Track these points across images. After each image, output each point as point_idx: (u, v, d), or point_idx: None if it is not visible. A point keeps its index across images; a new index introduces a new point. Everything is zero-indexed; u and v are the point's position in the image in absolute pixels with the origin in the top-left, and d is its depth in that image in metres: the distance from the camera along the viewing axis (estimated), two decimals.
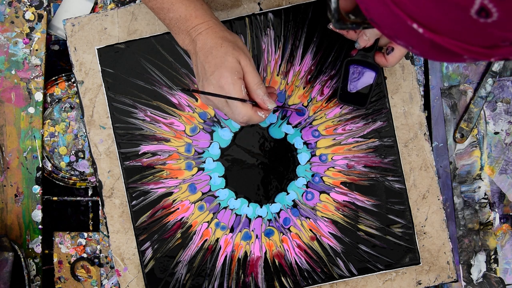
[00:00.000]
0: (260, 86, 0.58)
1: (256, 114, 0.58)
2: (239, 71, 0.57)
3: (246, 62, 0.57)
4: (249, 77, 0.57)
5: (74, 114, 0.75)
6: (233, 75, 0.56)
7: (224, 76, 0.56)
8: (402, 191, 0.71)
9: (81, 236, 0.75)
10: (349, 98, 0.68)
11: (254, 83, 0.57)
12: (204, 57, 0.58)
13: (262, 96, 0.57)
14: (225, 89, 0.56)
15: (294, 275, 0.71)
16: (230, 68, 0.56)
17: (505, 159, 0.76)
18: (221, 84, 0.56)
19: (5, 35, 0.74)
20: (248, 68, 0.57)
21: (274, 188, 0.71)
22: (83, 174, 0.75)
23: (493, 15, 0.29)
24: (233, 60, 0.56)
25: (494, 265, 0.76)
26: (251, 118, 0.57)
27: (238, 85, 0.56)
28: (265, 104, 0.58)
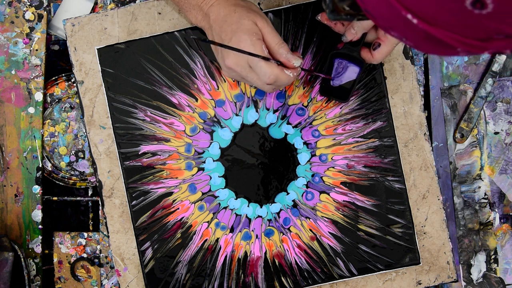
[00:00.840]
0: (281, 45, 0.55)
1: (283, 72, 0.55)
2: (257, 32, 0.54)
3: (263, 23, 0.55)
4: (269, 37, 0.55)
5: (74, 114, 0.75)
6: (252, 36, 0.54)
7: (243, 39, 0.54)
8: (402, 191, 0.71)
9: (81, 236, 0.75)
10: (331, 91, 0.67)
11: (275, 42, 0.55)
12: (219, 28, 0.56)
13: (286, 54, 0.55)
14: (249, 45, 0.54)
15: (294, 275, 0.71)
16: (248, 31, 0.54)
17: (505, 159, 0.76)
18: (241, 48, 0.54)
19: (5, 35, 0.74)
20: (266, 28, 0.55)
21: (274, 188, 0.71)
22: (83, 174, 0.75)
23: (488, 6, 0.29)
24: (249, 23, 0.54)
25: (494, 265, 0.76)
26: (278, 77, 0.55)
27: (259, 45, 0.54)
28: (290, 62, 0.55)
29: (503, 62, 0.75)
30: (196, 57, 0.70)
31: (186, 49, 0.70)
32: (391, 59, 0.71)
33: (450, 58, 0.75)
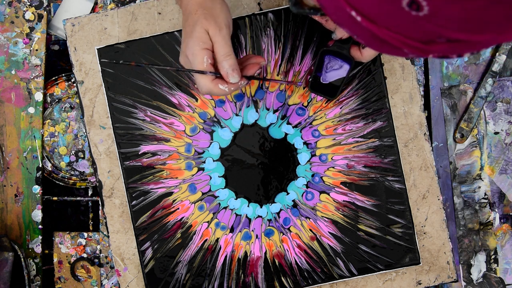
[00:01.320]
0: (226, 58, 0.55)
1: (217, 86, 0.56)
2: (204, 41, 0.55)
3: (215, 32, 0.55)
4: (216, 47, 0.56)
5: (74, 114, 0.75)
6: (197, 45, 0.55)
7: (189, 46, 0.55)
8: (402, 191, 0.71)
9: (81, 236, 0.75)
10: (320, 88, 0.68)
11: (221, 54, 0.55)
12: (184, 21, 0.58)
13: (227, 69, 0.55)
14: (190, 59, 0.56)
15: (294, 275, 0.71)
16: (196, 38, 0.55)
17: (505, 159, 0.76)
18: (187, 54, 0.56)
19: (5, 35, 0.74)
20: (216, 38, 0.55)
21: (274, 188, 0.71)
22: (83, 174, 0.75)
23: (423, 8, 0.29)
24: (200, 30, 0.55)
25: (494, 265, 0.76)
26: (211, 90, 0.56)
27: (200, 56, 0.55)
28: (228, 78, 0.56)
29: (503, 62, 0.75)
30: None
31: None
32: (391, 59, 0.71)
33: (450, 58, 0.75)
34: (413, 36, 0.32)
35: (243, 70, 0.59)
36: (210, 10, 0.57)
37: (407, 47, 0.33)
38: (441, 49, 0.32)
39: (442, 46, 0.32)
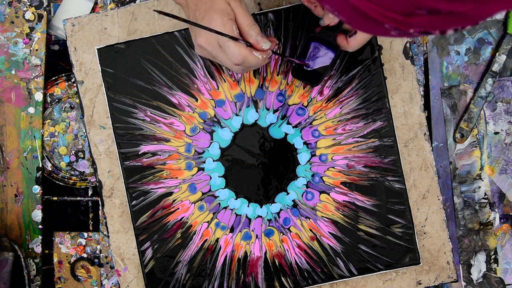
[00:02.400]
0: (252, 27, 0.55)
1: (252, 53, 0.55)
2: (229, 12, 0.55)
3: (237, 4, 0.55)
4: (241, 18, 0.55)
5: (74, 114, 0.75)
6: (223, 16, 0.54)
7: (214, 18, 0.54)
8: (402, 191, 0.71)
9: (81, 236, 0.75)
10: (304, 74, 0.67)
11: (246, 24, 0.55)
12: (194, 6, 0.57)
13: (256, 37, 0.55)
14: (220, 25, 0.55)
15: (294, 275, 0.71)
16: (220, 10, 0.55)
17: (505, 159, 0.76)
18: (213, 25, 0.55)
19: (5, 35, 0.74)
20: (238, 9, 0.55)
21: (274, 188, 0.71)
22: (83, 174, 0.75)
23: None
24: (222, 2, 0.55)
25: (494, 265, 0.76)
26: (246, 58, 0.55)
27: (229, 25, 0.54)
28: (259, 44, 0.56)
29: (503, 62, 0.75)
30: (196, 57, 0.70)
31: (186, 49, 0.70)
32: (391, 59, 0.71)
33: (450, 58, 0.75)
34: (392, 8, 0.31)
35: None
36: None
37: (388, 20, 0.32)
38: (422, 22, 0.31)
39: (423, 19, 0.31)
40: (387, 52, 0.72)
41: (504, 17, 0.75)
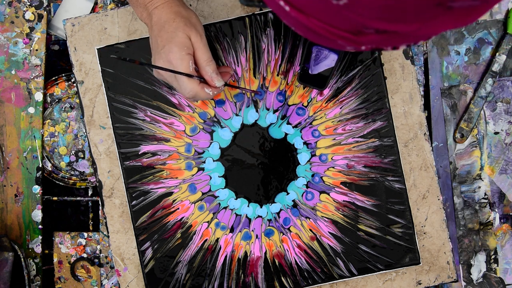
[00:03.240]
0: (209, 63, 0.58)
1: (203, 90, 0.58)
2: (188, 46, 0.57)
3: (197, 38, 0.57)
4: (199, 53, 0.58)
5: (74, 114, 0.75)
6: (182, 50, 0.56)
7: (173, 51, 0.57)
8: (402, 191, 0.71)
9: (81, 236, 0.75)
10: (309, 79, 0.68)
11: (203, 59, 0.58)
12: (157, 31, 0.58)
13: (211, 73, 0.58)
14: (173, 64, 0.57)
15: (294, 275, 0.71)
16: (179, 43, 0.57)
17: (505, 159, 0.76)
18: (170, 59, 0.57)
19: (5, 35, 0.74)
20: (198, 44, 0.58)
21: (274, 188, 0.71)
22: (83, 174, 0.75)
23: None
24: (183, 36, 0.57)
25: (494, 265, 0.76)
26: (197, 93, 0.58)
27: (186, 60, 0.57)
28: (213, 82, 0.58)
29: (503, 62, 0.75)
30: None
31: None
32: (391, 59, 0.71)
33: (450, 58, 0.75)
34: (341, 27, 0.31)
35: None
36: (188, 18, 0.59)
37: (339, 38, 0.32)
38: (372, 40, 0.31)
39: (372, 37, 0.31)
40: (387, 52, 0.72)
41: (504, 17, 0.75)
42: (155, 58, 0.59)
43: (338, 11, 0.29)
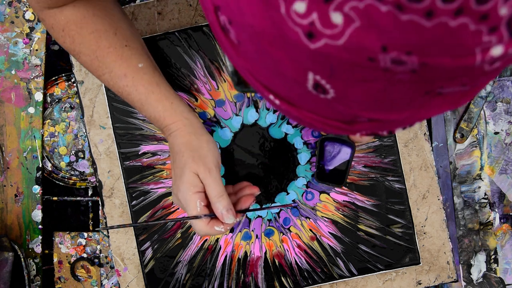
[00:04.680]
0: (219, 199, 0.55)
1: (213, 229, 0.55)
2: (195, 185, 0.55)
3: (205, 174, 0.55)
4: (208, 189, 0.55)
5: (74, 114, 0.75)
6: (189, 190, 0.55)
7: (181, 190, 0.56)
8: (402, 191, 0.71)
9: (81, 236, 0.75)
10: (327, 176, 0.68)
11: (213, 195, 0.55)
12: (172, 161, 0.59)
13: (221, 210, 0.55)
14: (182, 202, 0.56)
15: (294, 275, 0.71)
16: (186, 183, 0.55)
17: (505, 159, 0.76)
18: (179, 197, 0.56)
19: (5, 35, 0.74)
20: (207, 180, 0.55)
21: (274, 188, 0.71)
22: (83, 174, 0.75)
23: (329, 91, 0.28)
24: (189, 174, 0.55)
25: (494, 265, 0.76)
26: (208, 233, 0.56)
27: (193, 201, 0.55)
28: (223, 219, 0.55)
29: None
30: (196, 57, 0.70)
31: (186, 49, 0.70)
32: None
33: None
34: (332, 117, 0.31)
35: (238, 204, 0.59)
36: (197, 150, 0.56)
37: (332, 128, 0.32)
38: (366, 127, 0.31)
39: (365, 125, 0.31)
40: None
41: None
42: (172, 189, 0.59)
43: (327, 104, 0.29)
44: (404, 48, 0.23)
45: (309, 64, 0.26)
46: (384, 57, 0.24)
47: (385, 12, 0.23)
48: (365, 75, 0.26)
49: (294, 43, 0.26)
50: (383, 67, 0.25)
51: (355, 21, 0.23)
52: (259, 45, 0.28)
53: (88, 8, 0.57)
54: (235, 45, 0.30)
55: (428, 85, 0.26)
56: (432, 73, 0.25)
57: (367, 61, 0.25)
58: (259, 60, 0.29)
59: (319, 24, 0.24)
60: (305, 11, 0.24)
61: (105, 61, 0.57)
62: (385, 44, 0.24)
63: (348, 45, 0.24)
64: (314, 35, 0.25)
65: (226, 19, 0.29)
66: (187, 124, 0.58)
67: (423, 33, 0.23)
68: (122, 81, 0.58)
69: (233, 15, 0.28)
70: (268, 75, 0.30)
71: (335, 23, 0.24)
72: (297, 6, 0.24)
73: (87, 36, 0.57)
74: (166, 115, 0.58)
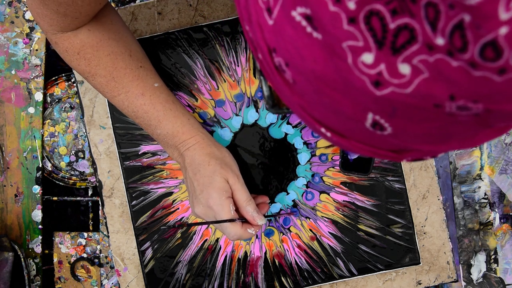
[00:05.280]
0: (249, 203, 0.58)
1: (246, 231, 0.58)
2: (227, 190, 0.57)
3: (234, 180, 0.58)
4: (238, 194, 0.58)
5: (74, 114, 0.75)
6: (221, 195, 0.57)
7: (212, 197, 0.57)
8: (402, 191, 0.71)
9: (81, 236, 0.75)
10: (351, 165, 0.68)
11: (243, 200, 0.58)
12: (193, 174, 0.59)
13: (252, 213, 0.58)
14: (214, 209, 0.57)
15: (294, 275, 0.71)
16: (218, 189, 0.57)
17: (505, 159, 0.76)
18: (210, 204, 0.57)
19: (5, 35, 0.74)
20: (236, 185, 0.58)
21: (274, 188, 0.71)
22: (83, 174, 0.75)
23: (387, 129, 0.29)
24: (220, 180, 0.57)
25: (494, 265, 0.76)
26: (241, 236, 0.58)
27: (227, 205, 0.57)
28: (255, 221, 0.58)
29: None
30: (196, 57, 0.70)
31: (186, 49, 0.70)
32: None
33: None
34: (383, 147, 0.32)
35: None
36: (222, 159, 0.60)
37: (381, 156, 0.33)
38: (413, 155, 0.33)
39: (413, 153, 0.32)
40: None
41: None
42: (194, 202, 0.59)
43: (381, 138, 0.30)
44: (471, 98, 0.24)
45: (371, 106, 0.27)
46: (450, 104, 0.25)
47: (456, 67, 0.23)
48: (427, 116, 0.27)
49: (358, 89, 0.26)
50: (447, 112, 0.26)
51: (423, 72, 0.24)
52: (317, 87, 0.28)
53: (103, 31, 0.58)
54: (290, 84, 0.31)
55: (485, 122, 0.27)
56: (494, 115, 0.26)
57: (433, 107, 0.25)
58: (315, 98, 0.30)
59: (386, 74, 0.25)
60: (372, 62, 0.25)
61: (122, 82, 0.59)
62: (453, 94, 0.24)
63: (415, 93, 0.25)
64: (381, 84, 0.25)
65: (282, 61, 0.30)
66: (205, 138, 0.61)
67: (492, 86, 0.23)
68: (139, 100, 0.60)
69: (292, 59, 0.29)
70: (323, 111, 0.31)
71: (403, 73, 0.24)
72: (364, 58, 0.25)
73: (103, 58, 0.58)
74: (184, 130, 0.60)
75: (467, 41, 0.22)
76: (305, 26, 0.27)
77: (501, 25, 0.21)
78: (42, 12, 0.53)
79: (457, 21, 0.22)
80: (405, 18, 0.24)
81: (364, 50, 0.25)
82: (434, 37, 0.23)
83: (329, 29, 0.25)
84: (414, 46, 0.24)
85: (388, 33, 0.24)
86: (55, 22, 0.54)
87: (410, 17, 0.23)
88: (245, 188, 0.59)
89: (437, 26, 0.23)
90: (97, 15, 0.58)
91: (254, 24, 0.30)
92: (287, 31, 0.28)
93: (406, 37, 0.24)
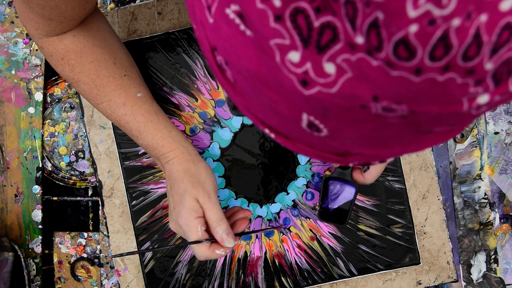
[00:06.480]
0: (219, 223, 0.56)
1: (214, 252, 0.57)
2: (196, 210, 0.56)
3: (205, 199, 0.57)
4: (208, 214, 0.57)
5: (74, 114, 0.75)
6: (190, 216, 0.56)
7: (182, 216, 0.56)
8: (402, 191, 0.71)
9: (81, 236, 0.75)
10: (329, 215, 0.69)
11: (213, 220, 0.56)
12: (169, 189, 0.59)
13: (221, 234, 0.56)
14: (183, 228, 0.57)
15: (294, 275, 0.71)
16: (187, 208, 0.56)
17: (505, 159, 0.76)
18: (180, 223, 0.57)
19: (5, 35, 0.74)
20: (206, 205, 0.57)
21: (274, 188, 0.71)
22: (83, 174, 0.75)
23: (322, 130, 0.28)
24: (190, 200, 0.56)
25: (494, 265, 0.76)
26: (208, 256, 0.57)
27: (194, 226, 0.56)
28: (223, 242, 0.57)
29: None
30: (196, 57, 0.70)
31: (186, 49, 0.70)
32: None
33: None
34: (326, 150, 0.32)
35: (233, 228, 0.61)
36: (196, 177, 0.58)
37: (326, 159, 0.33)
38: (359, 159, 0.32)
39: (358, 157, 0.32)
40: None
41: None
42: (170, 216, 0.60)
43: (320, 140, 0.30)
44: (394, 98, 0.24)
45: (303, 106, 0.27)
46: (375, 105, 0.25)
47: (376, 66, 0.23)
48: (357, 117, 0.26)
49: (288, 88, 0.26)
50: (374, 113, 0.25)
51: (347, 72, 0.24)
52: (254, 86, 0.28)
53: (88, 38, 0.58)
54: (232, 83, 0.31)
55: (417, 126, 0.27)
56: (421, 118, 0.25)
57: (359, 108, 0.25)
58: (255, 98, 0.30)
59: (312, 73, 0.25)
60: (299, 61, 0.25)
61: (104, 90, 0.59)
62: (376, 94, 0.24)
63: (340, 93, 0.25)
64: (308, 83, 0.25)
65: (222, 60, 0.29)
66: (184, 152, 0.60)
67: (412, 86, 0.23)
68: (120, 110, 0.59)
69: (229, 57, 0.28)
70: (264, 111, 0.31)
71: (328, 72, 0.24)
72: (291, 56, 0.25)
73: (87, 65, 0.58)
74: (164, 143, 0.60)
75: (382, 39, 0.22)
76: (239, 24, 0.27)
77: (410, 23, 0.21)
78: (28, 15, 0.53)
79: (372, 19, 0.22)
80: (328, 16, 0.23)
81: (291, 48, 0.25)
82: (354, 35, 0.23)
83: (257, 27, 0.25)
84: (337, 45, 0.23)
85: (313, 32, 0.24)
86: (40, 26, 0.54)
87: (332, 15, 0.23)
88: (217, 207, 0.57)
89: (356, 24, 0.22)
90: (84, 21, 0.58)
91: (198, 22, 0.30)
92: (223, 29, 0.28)
93: (330, 35, 0.23)
